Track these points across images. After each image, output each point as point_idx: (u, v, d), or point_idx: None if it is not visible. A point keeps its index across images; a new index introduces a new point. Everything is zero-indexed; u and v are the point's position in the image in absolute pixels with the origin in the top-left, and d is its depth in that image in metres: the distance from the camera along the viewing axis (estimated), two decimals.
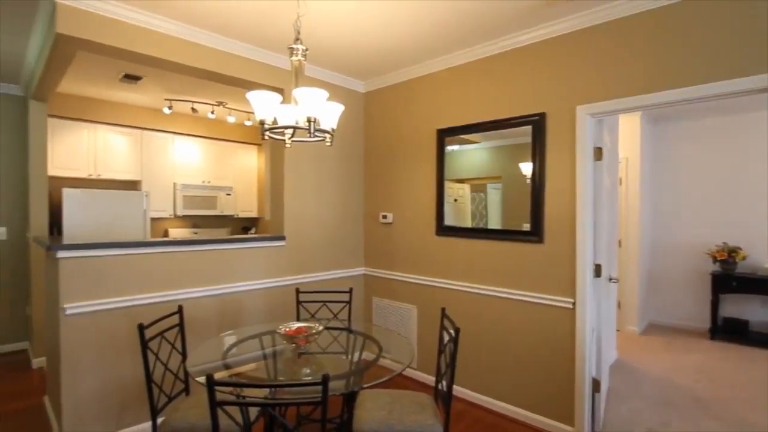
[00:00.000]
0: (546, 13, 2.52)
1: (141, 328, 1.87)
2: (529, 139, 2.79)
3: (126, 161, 4.79)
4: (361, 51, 3.11)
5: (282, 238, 3.31)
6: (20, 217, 4.13)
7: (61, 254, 2.26)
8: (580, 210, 2.57)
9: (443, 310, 2.26)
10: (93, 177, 4.55)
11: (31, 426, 2.72)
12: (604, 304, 2.84)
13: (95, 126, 4.56)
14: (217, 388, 1.30)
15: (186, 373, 2.23)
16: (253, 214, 6.04)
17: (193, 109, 4.54)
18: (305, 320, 2.57)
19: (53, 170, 4.25)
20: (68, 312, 2.29)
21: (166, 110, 4.51)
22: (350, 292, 2.82)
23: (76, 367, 2.34)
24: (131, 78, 3.84)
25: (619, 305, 4.83)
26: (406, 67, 3.46)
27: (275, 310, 3.26)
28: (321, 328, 2.06)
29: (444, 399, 1.97)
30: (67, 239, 2.53)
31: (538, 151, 2.74)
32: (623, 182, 4.94)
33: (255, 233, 6.14)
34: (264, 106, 1.87)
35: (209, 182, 5.49)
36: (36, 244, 3.69)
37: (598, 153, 2.65)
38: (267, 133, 1.93)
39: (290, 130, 2.06)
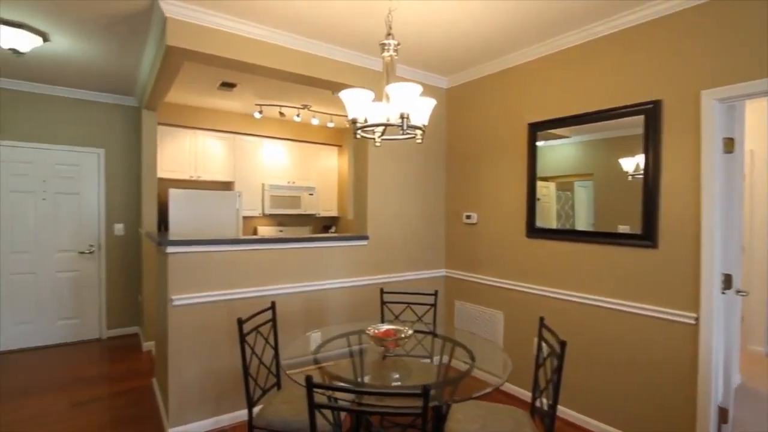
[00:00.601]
0: None
1: (240, 322, 1.95)
2: (635, 131, 2.48)
3: (221, 164, 5.15)
4: (447, 45, 3.00)
5: (365, 237, 3.31)
6: (134, 214, 4.63)
7: (170, 249, 2.45)
8: (706, 211, 2.22)
9: (541, 319, 2.08)
10: (193, 178, 4.96)
11: (141, 404, 3.00)
12: (731, 320, 2.44)
13: (196, 132, 4.97)
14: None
15: (278, 368, 2.30)
16: (334, 213, 6.19)
17: (281, 113, 4.75)
18: (389, 321, 2.52)
19: (161, 173, 4.70)
20: (175, 303, 2.48)
21: (257, 115, 4.77)
22: (435, 294, 2.72)
23: (181, 354, 2.53)
24: (227, 86, 4.11)
25: (741, 320, 4.17)
26: (494, 59, 3.28)
27: (359, 308, 3.27)
28: (410, 332, 1.99)
29: (545, 418, 1.80)
30: (172, 235, 2.74)
31: (651, 143, 2.42)
32: (747, 179, 4.25)
33: (335, 232, 6.30)
34: (357, 104, 1.84)
35: (294, 183, 5.73)
36: (148, 240, 4.10)
37: (729, 144, 2.27)
38: (359, 131, 1.90)
39: (380, 129, 2.02)
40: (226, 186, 5.42)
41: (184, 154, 4.89)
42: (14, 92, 4.03)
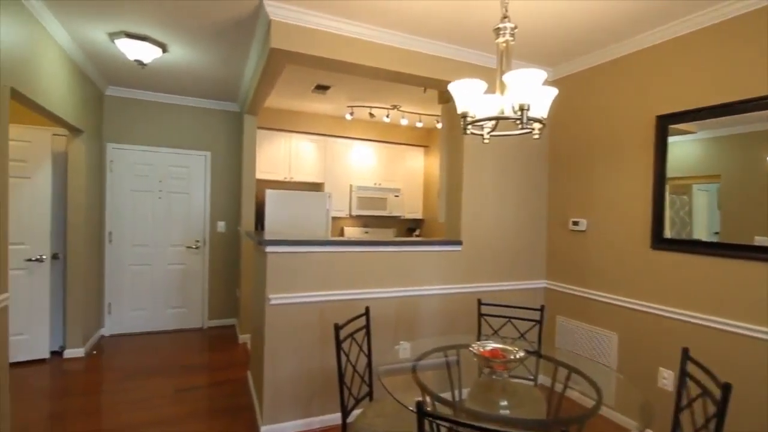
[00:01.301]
0: None
1: (337, 329, 1.87)
2: None
3: (312, 165, 5.29)
4: (558, 31, 2.69)
5: (458, 242, 3.10)
6: (234, 213, 4.92)
7: (269, 249, 2.47)
8: None
9: (685, 351, 1.71)
10: (287, 179, 5.15)
11: (236, 396, 3.10)
12: None
13: (290, 135, 5.15)
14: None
15: (371, 377, 2.19)
16: (418, 215, 6.06)
17: (371, 114, 4.73)
18: (486, 336, 2.30)
19: (258, 174, 4.94)
20: (272, 302, 2.50)
21: (348, 116, 4.80)
22: (542, 310, 2.43)
23: (276, 352, 2.54)
24: (321, 88, 4.17)
25: None
26: (611, 44, 2.88)
27: (452, 318, 3.08)
28: (522, 354, 1.75)
29: None
30: (270, 234, 2.78)
31: None
32: None
33: (419, 235, 6.16)
34: (467, 96, 1.66)
35: (380, 184, 5.70)
36: (247, 238, 4.31)
37: None
38: (469, 127, 1.71)
39: (491, 124, 1.82)
40: (317, 187, 5.56)
41: (279, 156, 5.10)
42: (138, 101, 4.50)
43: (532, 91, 1.55)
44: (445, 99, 3.54)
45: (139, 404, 2.94)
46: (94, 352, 3.91)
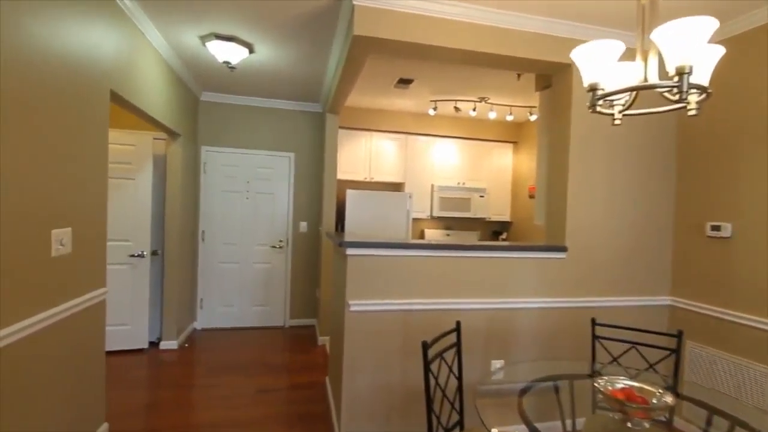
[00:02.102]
0: None
1: (425, 347, 1.61)
2: None
3: (392, 164, 5.10)
4: None
5: (562, 249, 2.67)
6: (315, 213, 4.90)
7: (350, 251, 2.29)
8: None
9: None
10: (367, 179, 5.02)
11: (315, 402, 2.98)
12: None
13: (371, 134, 5.02)
14: None
15: (461, 403, 1.90)
16: (505, 217, 5.58)
17: (456, 108, 4.41)
18: (601, 364, 1.87)
19: (339, 174, 4.87)
20: (352, 308, 2.31)
21: (431, 111, 4.53)
22: (679, 336, 1.94)
23: (355, 361, 2.35)
24: (404, 82, 3.96)
25: None
26: None
27: (553, 337, 2.65)
28: (669, 400, 1.34)
29: None
30: (351, 236, 2.61)
31: None
32: None
33: (505, 239, 5.67)
34: (598, 63, 1.31)
35: (464, 184, 5.34)
36: (328, 239, 4.25)
37: None
38: (598, 104, 1.35)
39: (623, 100, 1.43)
40: (397, 187, 5.36)
41: (359, 155, 4.99)
42: (228, 105, 4.67)
43: (694, 48, 1.15)
44: (544, 85, 3.11)
45: (222, 402, 2.95)
46: (186, 345, 4.09)
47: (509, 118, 4.75)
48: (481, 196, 5.34)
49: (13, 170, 1.57)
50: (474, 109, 4.49)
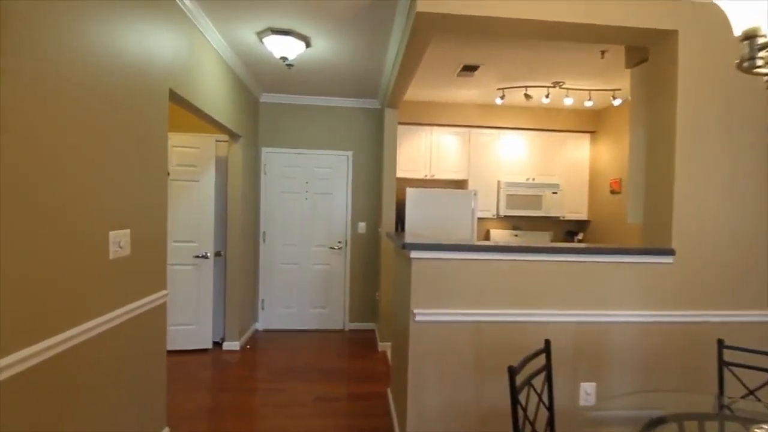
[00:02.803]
0: None
1: (512, 373, 1.32)
2: None
3: (455, 161, 4.79)
4: None
5: (669, 252, 2.22)
6: (374, 213, 4.72)
7: (414, 254, 2.05)
8: None
9: None
10: (428, 177, 4.75)
11: (376, 416, 2.77)
12: None
13: (431, 129, 4.75)
14: None
15: None
16: (582, 216, 5.03)
17: (527, 95, 4.01)
18: (731, 398, 1.46)
19: (398, 172, 4.65)
20: (417, 318, 2.07)
21: (498, 101, 4.17)
22: None
23: (421, 377, 2.10)
24: (468, 70, 3.64)
25: None
26: None
27: (659, 357, 2.22)
28: None
29: None
30: (414, 237, 2.36)
31: None
32: None
33: (582, 240, 5.13)
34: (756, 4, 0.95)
35: (534, 179, 4.89)
36: (388, 239, 4.04)
37: None
38: (759, 56, 0.99)
39: None
40: (459, 185, 5.04)
41: (419, 152, 4.73)
42: (287, 105, 4.63)
43: None
44: (637, 59, 2.66)
45: (281, 410, 2.84)
46: (248, 346, 4.08)
47: (588, 104, 4.24)
48: (554, 193, 4.85)
49: (72, 170, 1.51)
50: (547, 96, 4.05)
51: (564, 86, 4.00)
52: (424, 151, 4.74)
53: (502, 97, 4.13)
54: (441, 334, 2.10)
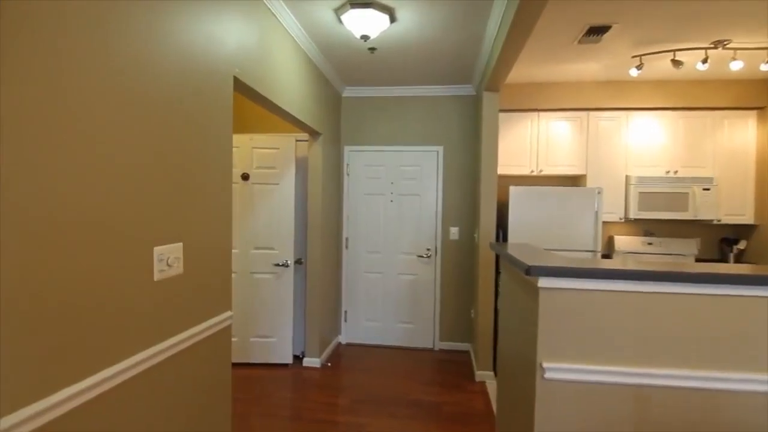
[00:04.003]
0: None
1: None
2: None
3: (568, 152, 3.95)
4: None
5: None
6: (469, 217, 4.08)
7: (544, 282, 1.41)
8: None
9: None
10: (534, 174, 3.98)
11: None
12: None
13: (538, 115, 3.97)
14: None
15: None
16: (746, 219, 3.84)
17: (675, 61, 3.05)
18: None
19: (498, 168, 3.95)
20: (547, 375, 1.43)
21: (633, 72, 3.25)
22: None
23: None
24: (595, 32, 2.84)
25: None
26: None
27: None
28: None
29: None
30: (533, 255, 1.72)
31: None
32: None
33: (744, 251, 3.93)
34: None
35: (676, 173, 3.85)
36: (489, 249, 3.39)
37: None
38: None
39: None
40: (575, 181, 4.18)
41: (524, 143, 3.98)
42: (370, 99, 4.20)
43: None
44: None
45: None
46: (329, 364, 3.72)
47: (765, 68, 3.12)
48: (706, 189, 3.75)
49: (98, 174, 1.17)
50: (704, 61, 3.05)
51: (730, 46, 2.98)
52: (530, 142, 3.97)
53: (639, 67, 3.21)
54: (583, 401, 1.44)
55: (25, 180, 1.00)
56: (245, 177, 3.62)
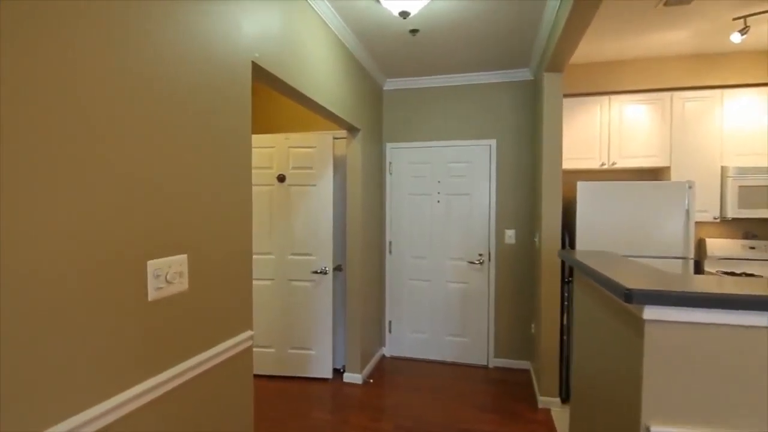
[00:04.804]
0: None
1: None
2: None
3: (647, 141, 3.37)
4: None
5: None
6: (526, 218, 3.61)
7: (653, 313, 1.00)
8: None
9: None
10: (605, 167, 3.43)
11: None
12: None
13: (609, 99, 3.42)
14: None
15: None
16: None
17: None
18: None
19: (562, 162, 3.45)
20: None
21: (736, 37, 2.64)
22: None
23: None
24: None
25: None
26: None
27: None
28: None
29: None
30: (620, 269, 1.30)
31: None
32: None
33: None
34: None
35: None
36: (555, 256, 2.93)
37: None
38: None
39: None
40: (654, 175, 3.59)
41: (592, 133, 3.45)
42: (414, 91, 3.85)
43: None
44: None
45: None
46: (371, 380, 3.41)
47: None
48: None
49: (78, 176, 0.94)
50: None
51: None
52: (600, 131, 3.44)
53: (744, 31, 2.60)
54: None
55: None
56: (281, 178, 3.40)
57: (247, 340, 1.74)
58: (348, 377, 3.37)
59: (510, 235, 3.65)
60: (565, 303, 3.04)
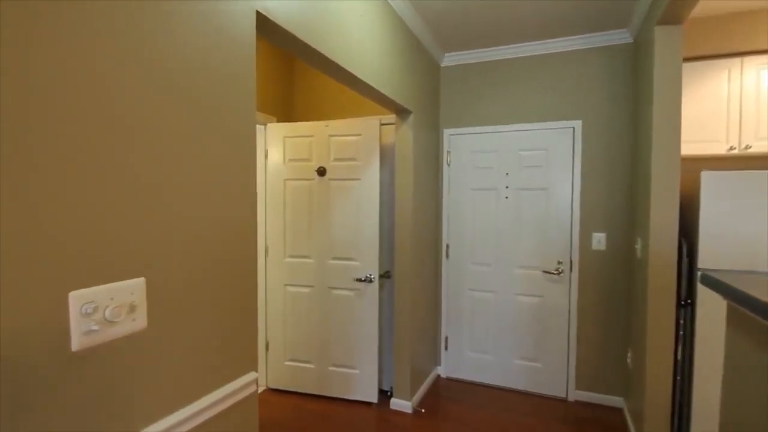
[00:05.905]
0: None
1: None
2: None
3: None
4: None
5: None
6: (623, 217, 2.88)
7: None
8: None
9: None
10: (735, 152, 2.60)
11: None
12: None
13: (741, 61, 2.58)
14: None
15: None
16: None
17: None
18: None
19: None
20: None
21: None
22: None
23: None
24: None
25: None
26: None
27: None
28: None
29: None
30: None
31: None
32: None
33: None
34: None
35: None
36: (660, 267, 2.20)
37: None
38: None
39: None
40: None
41: (716, 108, 2.63)
42: (477, 66, 3.24)
43: None
44: None
45: None
46: (422, 410, 2.89)
47: None
48: None
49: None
50: None
51: None
52: (728, 105, 2.61)
53: None
54: None
55: None
56: (321, 172, 2.98)
57: (251, 384, 1.30)
58: (395, 404, 2.88)
59: (599, 239, 2.93)
60: (681, 332, 2.30)
